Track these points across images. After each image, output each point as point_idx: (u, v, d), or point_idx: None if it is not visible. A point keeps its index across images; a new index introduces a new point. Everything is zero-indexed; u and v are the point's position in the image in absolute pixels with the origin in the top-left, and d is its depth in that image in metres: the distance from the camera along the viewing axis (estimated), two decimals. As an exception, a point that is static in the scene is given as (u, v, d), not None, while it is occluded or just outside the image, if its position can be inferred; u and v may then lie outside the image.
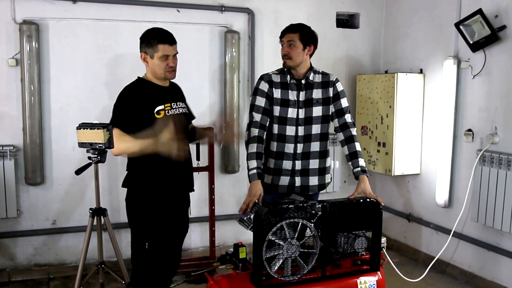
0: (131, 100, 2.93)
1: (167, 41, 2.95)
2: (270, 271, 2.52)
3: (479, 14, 4.02)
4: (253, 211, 2.78)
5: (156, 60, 2.94)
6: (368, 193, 2.97)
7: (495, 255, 4.17)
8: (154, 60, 2.95)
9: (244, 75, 5.02)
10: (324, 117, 3.25)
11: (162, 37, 2.95)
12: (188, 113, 3.20)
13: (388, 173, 4.98)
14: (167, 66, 2.96)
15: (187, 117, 3.19)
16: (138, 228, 3.04)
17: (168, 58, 2.96)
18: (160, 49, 2.93)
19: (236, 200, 5.03)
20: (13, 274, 4.41)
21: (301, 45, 3.17)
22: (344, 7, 5.38)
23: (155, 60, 2.95)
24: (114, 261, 3.78)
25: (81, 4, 4.37)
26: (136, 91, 2.97)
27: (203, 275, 4.09)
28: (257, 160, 3.05)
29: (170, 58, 2.97)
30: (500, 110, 4.08)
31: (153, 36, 2.96)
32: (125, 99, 2.95)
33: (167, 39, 2.95)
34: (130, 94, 2.96)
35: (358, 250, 2.75)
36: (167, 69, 2.97)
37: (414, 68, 5.01)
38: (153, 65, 2.97)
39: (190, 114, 3.25)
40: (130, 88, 2.99)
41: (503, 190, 3.96)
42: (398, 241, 5.36)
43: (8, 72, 4.24)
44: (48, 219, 4.51)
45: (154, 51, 2.93)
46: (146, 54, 2.96)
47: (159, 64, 2.95)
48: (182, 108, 3.12)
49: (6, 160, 4.21)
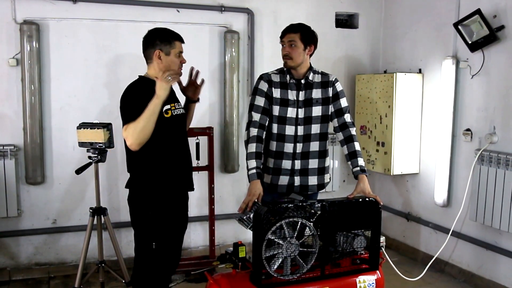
0: (136, 97, 2.87)
1: (181, 39, 3.02)
2: (270, 270, 2.53)
3: (477, 14, 4.02)
4: (253, 210, 2.79)
5: (172, 56, 2.96)
6: (367, 192, 2.97)
7: (493, 254, 4.18)
8: (170, 56, 2.95)
9: (244, 74, 5.03)
10: (324, 117, 3.25)
11: (177, 35, 3.01)
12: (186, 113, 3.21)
13: (387, 172, 4.99)
14: (181, 62, 3.01)
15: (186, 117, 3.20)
16: (145, 229, 3.01)
17: (181, 55, 3.01)
18: (177, 46, 2.97)
19: (235, 199, 5.05)
20: (14, 273, 4.42)
21: (302, 45, 3.17)
22: (343, 7, 5.39)
23: (171, 57, 2.95)
24: (114, 260, 3.80)
25: (82, 5, 4.38)
26: (143, 89, 2.91)
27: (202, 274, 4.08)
28: (257, 159, 3.05)
29: (182, 56, 3.02)
30: (499, 109, 4.09)
31: (169, 34, 2.99)
32: (134, 96, 2.89)
33: (180, 37, 3.02)
34: (138, 92, 2.90)
35: (357, 249, 2.76)
36: (180, 66, 3.01)
37: (413, 68, 5.01)
38: (168, 62, 2.95)
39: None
40: (136, 86, 2.95)
41: (501, 189, 3.96)
42: (397, 240, 5.37)
43: (8, 72, 4.25)
44: (48, 218, 4.52)
45: (171, 47, 2.95)
46: (161, 51, 2.94)
47: (175, 61, 2.97)
48: (182, 108, 3.14)
49: (7, 159, 4.21)
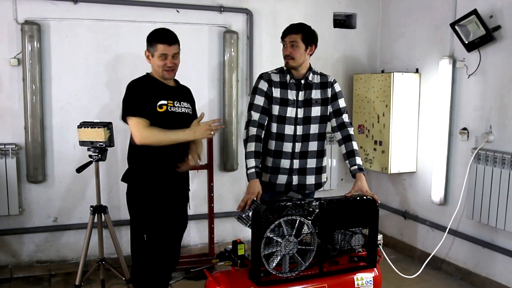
0: (139, 91, 3.02)
1: (166, 41, 3.02)
2: (268, 267, 2.55)
3: (474, 15, 4.04)
4: (252, 208, 2.80)
5: (155, 58, 3.05)
6: (365, 190, 3.00)
7: (489, 251, 4.21)
8: (154, 58, 3.05)
9: (243, 74, 5.05)
10: (322, 117, 3.28)
11: (161, 37, 3.03)
12: (192, 114, 3.21)
13: (385, 171, 5.01)
14: (165, 65, 3.04)
15: (190, 118, 3.16)
16: (137, 220, 3.11)
17: (166, 58, 3.03)
18: (158, 49, 3.02)
19: (234, 197, 5.07)
20: (15, 271, 4.44)
21: (303, 46, 3.19)
22: (341, 7, 5.41)
23: (155, 59, 3.05)
24: (114, 258, 3.81)
25: (82, 5, 4.40)
26: (142, 84, 3.07)
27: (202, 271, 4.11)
28: (256, 159, 3.07)
29: (168, 58, 3.03)
30: (495, 109, 4.11)
31: (154, 35, 3.06)
32: (134, 90, 3.03)
33: (166, 39, 3.03)
34: (138, 86, 3.05)
35: (355, 247, 2.79)
36: (165, 68, 3.05)
37: (410, 68, 5.04)
38: (154, 64, 3.08)
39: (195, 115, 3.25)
40: (137, 81, 3.09)
41: (497, 187, 3.99)
42: (395, 238, 5.40)
43: (10, 72, 4.27)
44: (49, 216, 4.54)
45: (154, 50, 3.03)
46: (149, 53, 3.08)
47: (158, 63, 3.04)
48: (187, 108, 3.15)
49: (8, 158, 4.23)
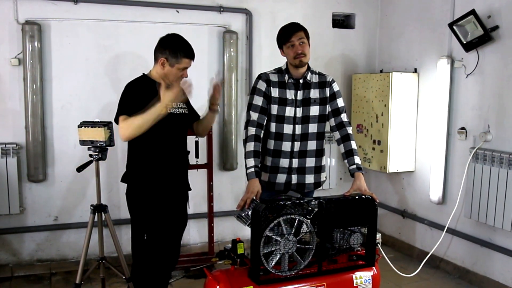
0: (135, 92, 3.00)
1: (192, 56, 3.03)
2: (268, 266, 2.57)
3: (472, 15, 4.06)
4: (251, 207, 2.81)
5: (174, 69, 3.01)
6: (364, 190, 3.01)
7: (487, 250, 4.23)
8: (172, 69, 3.01)
9: (242, 74, 5.06)
10: (321, 116, 3.29)
11: (188, 52, 3.02)
12: (189, 114, 3.24)
13: (383, 170, 5.02)
14: (181, 77, 3.04)
15: (188, 117, 3.23)
16: (137, 220, 3.13)
17: (184, 70, 3.04)
18: (183, 62, 3.00)
19: (234, 197, 5.09)
20: (16, 269, 4.46)
21: (308, 42, 3.23)
22: (340, 7, 5.43)
23: (173, 69, 3.01)
24: (114, 257, 3.83)
25: (83, 5, 4.41)
26: (140, 85, 3.05)
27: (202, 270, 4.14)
28: (255, 158, 3.09)
29: (185, 71, 3.05)
30: (493, 108, 4.13)
31: (181, 48, 3.01)
32: (130, 92, 3.02)
33: (191, 55, 3.03)
34: (135, 88, 3.03)
35: (354, 246, 2.80)
36: (180, 79, 3.04)
37: (409, 68, 5.05)
38: (168, 72, 3.02)
39: (193, 114, 3.31)
40: (135, 83, 3.08)
41: (495, 187, 4.01)
42: (393, 237, 5.41)
43: (10, 72, 4.28)
44: (50, 215, 4.56)
45: (177, 62, 2.99)
46: (167, 61, 3.00)
47: (175, 74, 3.02)
48: (183, 108, 3.18)
49: (9, 157, 4.25)
